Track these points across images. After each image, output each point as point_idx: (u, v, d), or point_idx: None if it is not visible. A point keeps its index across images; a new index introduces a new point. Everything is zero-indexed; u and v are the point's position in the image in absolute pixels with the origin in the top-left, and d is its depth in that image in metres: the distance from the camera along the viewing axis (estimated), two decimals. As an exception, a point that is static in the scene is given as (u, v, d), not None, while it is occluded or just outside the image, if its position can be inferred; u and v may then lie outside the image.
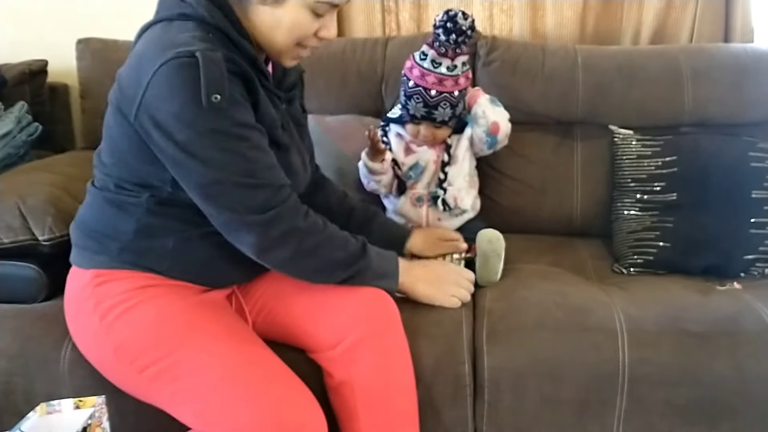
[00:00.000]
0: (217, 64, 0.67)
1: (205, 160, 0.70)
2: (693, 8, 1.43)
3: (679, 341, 0.92)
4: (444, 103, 1.09)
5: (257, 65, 0.75)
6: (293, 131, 0.86)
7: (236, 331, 0.81)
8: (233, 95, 0.70)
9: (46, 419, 0.77)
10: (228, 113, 0.70)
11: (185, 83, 0.67)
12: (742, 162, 1.16)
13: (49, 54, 1.51)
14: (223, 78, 0.68)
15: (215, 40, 0.71)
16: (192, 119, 0.68)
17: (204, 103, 0.67)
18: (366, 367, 0.83)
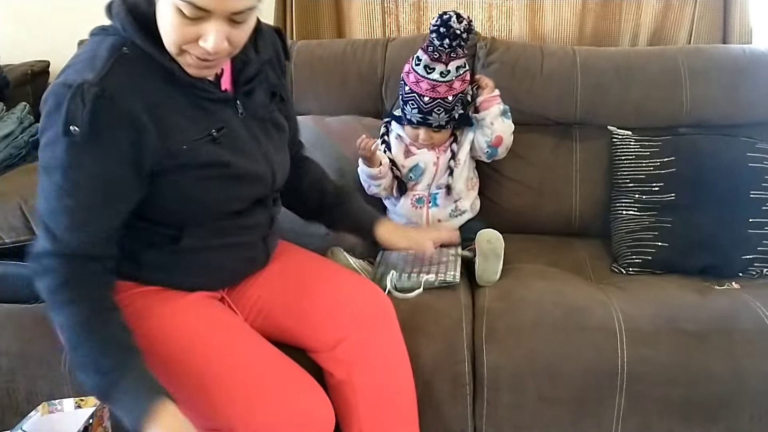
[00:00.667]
0: (84, 98, 0.65)
1: (42, 184, 0.69)
2: (691, 9, 1.44)
3: (677, 340, 0.92)
4: (438, 109, 1.09)
5: (179, 81, 0.71)
6: (253, 129, 0.79)
7: (230, 326, 0.80)
8: (99, 132, 0.66)
9: (48, 418, 0.77)
10: (83, 150, 0.66)
11: (56, 105, 0.66)
12: (740, 162, 1.16)
13: (51, 55, 1.52)
14: (84, 112, 0.64)
15: (130, 56, 0.69)
16: (48, 138, 0.67)
17: (61, 129, 0.65)
18: (366, 366, 0.83)
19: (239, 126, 0.78)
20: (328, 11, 1.54)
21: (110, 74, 0.67)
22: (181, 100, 0.72)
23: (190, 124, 0.73)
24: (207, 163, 0.74)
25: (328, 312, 0.85)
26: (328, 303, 0.86)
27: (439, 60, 1.07)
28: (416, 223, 1.18)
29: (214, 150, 0.74)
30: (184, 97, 0.72)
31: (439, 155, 1.16)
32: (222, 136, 0.75)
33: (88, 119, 0.65)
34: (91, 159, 0.67)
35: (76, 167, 0.67)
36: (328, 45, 1.40)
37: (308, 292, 0.87)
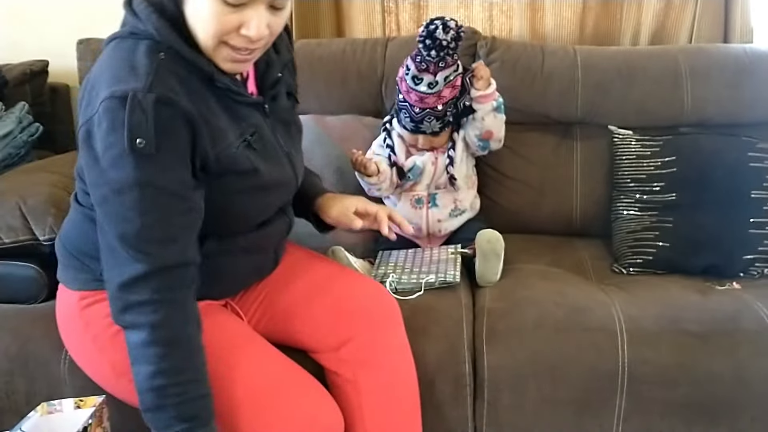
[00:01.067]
0: (144, 108, 0.63)
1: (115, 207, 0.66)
2: (692, 8, 1.44)
3: (679, 341, 0.92)
4: (429, 118, 1.09)
5: (217, 83, 0.70)
6: (278, 133, 0.79)
7: (235, 332, 0.80)
8: (163, 140, 0.65)
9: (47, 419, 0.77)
10: (153, 160, 0.64)
11: (113, 122, 0.64)
12: (742, 162, 1.16)
13: (50, 54, 1.51)
14: (149, 122, 0.63)
15: (167, 61, 0.67)
16: (112, 158, 0.64)
17: (126, 145, 0.63)
18: (371, 367, 0.83)
19: (268, 131, 0.78)
20: (328, 11, 1.53)
21: (158, 79, 0.65)
22: (218, 105, 0.71)
23: (229, 129, 0.72)
24: (244, 170, 0.73)
25: (334, 312, 0.85)
26: (333, 303, 0.86)
27: (427, 70, 1.06)
28: (416, 224, 1.18)
29: (249, 156, 0.73)
30: (219, 101, 0.71)
31: (437, 155, 1.16)
32: (255, 141, 0.74)
33: (153, 129, 0.64)
34: (163, 168, 0.66)
35: (151, 180, 0.65)
36: (328, 44, 1.40)
37: (313, 292, 0.87)
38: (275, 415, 0.72)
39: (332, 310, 0.85)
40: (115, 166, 0.65)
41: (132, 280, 0.66)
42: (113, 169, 0.65)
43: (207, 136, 0.69)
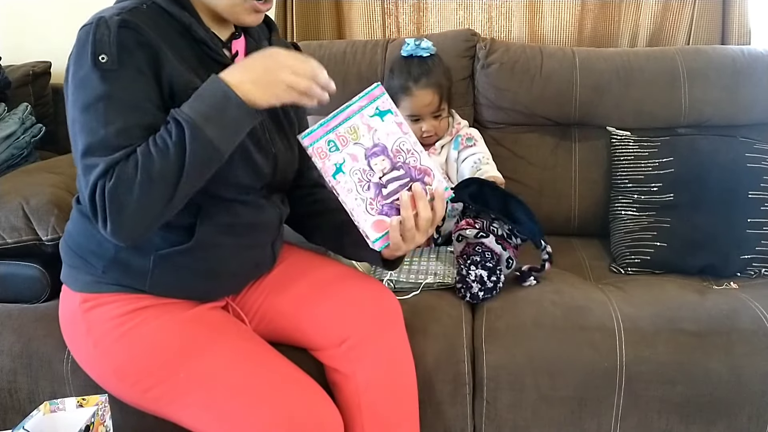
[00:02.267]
0: (110, 27, 0.67)
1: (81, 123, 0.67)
2: (690, 10, 1.44)
3: (676, 340, 0.92)
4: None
5: (192, 33, 0.74)
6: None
7: (237, 337, 0.80)
8: (126, 59, 0.67)
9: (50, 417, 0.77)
10: (116, 75, 0.67)
11: (81, 48, 0.68)
12: (739, 163, 1.17)
13: (53, 55, 1.52)
14: (111, 41, 0.67)
15: (147, 11, 0.72)
16: (80, 79, 0.68)
17: (90, 63, 0.67)
18: (371, 364, 0.83)
19: None
20: (329, 12, 1.54)
21: (129, 13, 0.70)
22: (193, 60, 0.74)
23: (198, 80, 0.73)
24: None
25: (335, 311, 0.85)
26: (334, 302, 0.86)
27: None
28: None
29: None
30: (196, 57, 0.74)
31: (431, 157, 1.17)
32: None
33: (115, 45, 0.67)
34: (126, 83, 0.68)
35: (114, 92, 0.67)
36: (329, 46, 1.41)
37: (314, 292, 0.88)
38: (275, 417, 0.73)
39: (333, 308, 0.86)
40: (82, 86, 0.68)
41: (92, 184, 0.66)
42: (80, 89, 0.68)
43: (174, 66, 0.71)
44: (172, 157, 0.66)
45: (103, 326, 0.78)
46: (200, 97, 0.68)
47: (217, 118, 0.67)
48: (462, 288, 1.02)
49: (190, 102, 0.68)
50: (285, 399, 0.74)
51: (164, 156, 0.66)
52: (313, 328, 0.87)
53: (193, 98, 0.68)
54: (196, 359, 0.76)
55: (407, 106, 1.16)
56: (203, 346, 0.77)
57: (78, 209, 0.82)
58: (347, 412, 0.83)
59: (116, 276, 0.78)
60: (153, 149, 0.66)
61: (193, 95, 0.68)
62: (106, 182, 0.66)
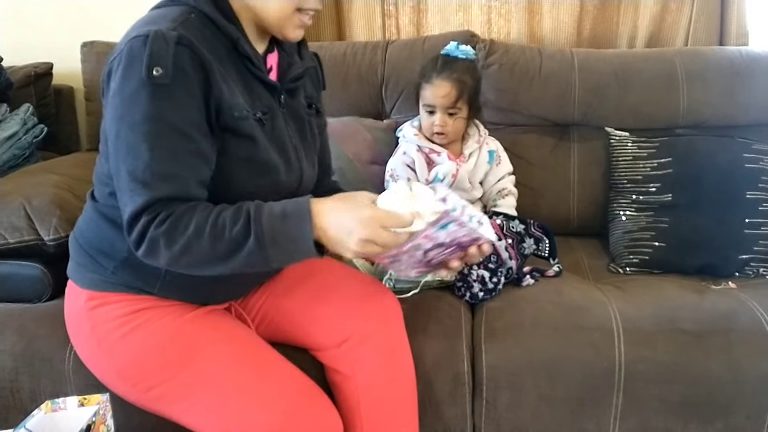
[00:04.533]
0: (167, 41, 0.66)
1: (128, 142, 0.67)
2: (688, 11, 1.45)
3: (675, 340, 0.93)
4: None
5: (238, 48, 0.73)
6: (289, 126, 0.81)
7: (240, 339, 0.80)
8: (180, 77, 0.67)
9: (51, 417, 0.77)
10: (168, 94, 0.66)
11: (133, 58, 0.66)
12: (737, 163, 1.17)
13: (55, 56, 1.52)
14: (168, 54, 0.66)
15: (196, 20, 0.71)
16: (129, 93, 0.66)
17: (144, 75, 0.65)
18: (370, 364, 0.84)
19: (280, 119, 0.79)
20: (329, 14, 1.55)
21: (183, 27, 0.69)
22: (236, 75, 0.74)
23: (242, 98, 0.74)
24: (248, 135, 0.73)
25: (336, 311, 0.86)
26: (336, 302, 0.87)
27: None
28: None
29: (254, 127, 0.75)
30: (238, 73, 0.74)
31: (459, 166, 1.17)
32: (266, 121, 0.76)
33: (171, 60, 0.66)
34: (176, 104, 0.67)
35: (163, 115, 0.66)
36: (329, 47, 1.41)
37: (315, 293, 0.88)
38: (275, 419, 0.73)
39: (335, 308, 0.86)
40: (131, 100, 0.66)
41: (135, 214, 0.67)
42: (128, 103, 0.67)
43: (222, 88, 0.71)
44: (223, 247, 0.66)
45: (107, 325, 0.78)
46: (283, 217, 0.67)
47: (284, 247, 0.67)
48: (462, 287, 1.02)
49: (272, 213, 0.67)
50: (285, 401, 0.75)
51: (215, 242, 0.66)
52: (313, 328, 0.87)
53: (279, 212, 0.67)
54: (198, 360, 0.76)
55: (425, 95, 1.16)
56: (205, 348, 0.77)
57: (93, 207, 0.81)
58: (347, 412, 0.84)
59: (126, 277, 0.78)
60: (208, 230, 0.66)
61: (279, 208, 0.67)
62: (150, 224, 0.66)
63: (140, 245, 0.68)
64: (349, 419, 0.84)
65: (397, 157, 1.21)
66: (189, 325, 0.79)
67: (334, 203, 0.68)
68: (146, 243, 0.67)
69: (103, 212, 0.79)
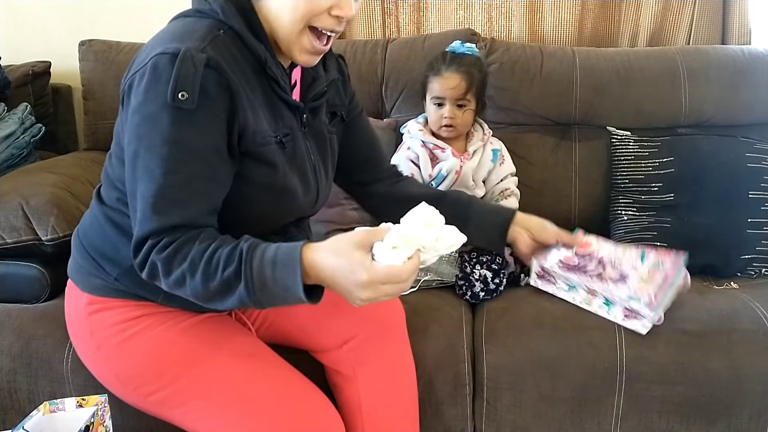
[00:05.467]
0: (195, 64, 0.63)
1: (145, 163, 0.65)
2: (690, 10, 1.44)
3: (676, 340, 0.92)
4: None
5: (267, 69, 0.71)
6: (310, 146, 0.79)
7: (241, 343, 0.80)
8: (205, 101, 0.65)
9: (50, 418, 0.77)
10: (191, 119, 0.64)
11: (158, 76, 0.64)
12: (739, 163, 1.17)
13: (53, 55, 1.52)
14: (195, 78, 0.63)
15: (225, 38, 0.68)
16: (150, 113, 0.64)
17: (168, 98, 0.63)
18: (371, 365, 0.83)
19: (300, 139, 0.78)
20: (329, 12, 1.54)
21: (212, 47, 0.66)
22: (261, 96, 0.72)
23: (266, 122, 0.72)
24: (265, 161, 0.72)
25: (337, 312, 0.85)
26: (337, 303, 0.85)
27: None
28: None
29: (276, 153, 0.73)
30: (263, 94, 0.72)
31: (463, 163, 1.17)
32: (287, 143, 0.74)
33: (199, 85, 0.64)
34: (197, 129, 0.65)
35: (183, 139, 0.65)
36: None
37: None
38: (277, 423, 0.73)
39: (335, 309, 0.86)
40: (152, 121, 0.65)
41: (142, 238, 0.66)
42: (149, 124, 0.65)
43: (247, 113, 0.69)
44: (215, 286, 0.65)
45: (106, 331, 0.77)
46: (274, 263, 0.63)
47: (274, 292, 0.64)
48: (464, 285, 1.01)
49: (263, 262, 0.63)
50: (287, 405, 0.74)
51: (207, 281, 0.64)
52: (314, 330, 0.87)
53: (270, 258, 0.63)
54: (199, 365, 0.75)
55: (434, 88, 1.16)
56: (206, 353, 0.77)
57: (100, 209, 0.79)
58: (348, 413, 0.83)
59: (129, 284, 0.77)
60: (202, 267, 0.64)
61: (271, 254, 0.64)
62: (153, 248, 0.65)
63: (143, 268, 0.68)
64: (350, 420, 0.84)
65: (401, 152, 1.20)
66: (189, 331, 0.78)
67: (326, 256, 0.63)
68: (147, 267, 0.67)
69: (110, 216, 0.77)
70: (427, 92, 1.18)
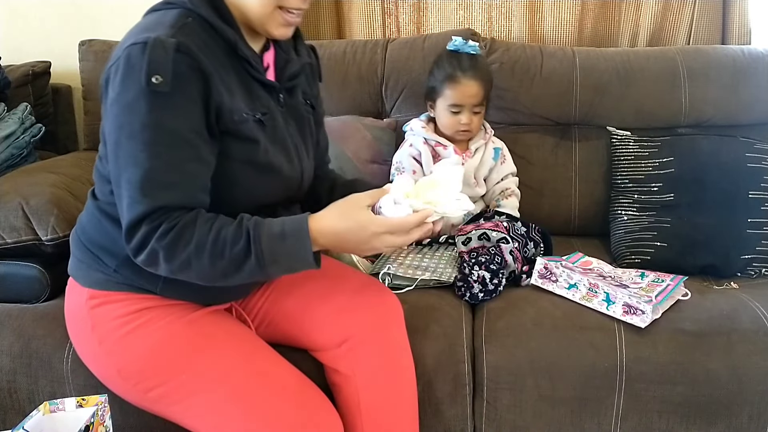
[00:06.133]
0: (166, 48, 0.66)
1: (127, 151, 0.66)
2: (690, 10, 1.45)
3: (676, 340, 0.92)
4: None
5: (238, 51, 0.73)
6: (290, 125, 0.81)
7: (241, 340, 0.80)
8: (179, 84, 0.66)
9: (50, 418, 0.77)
10: (167, 102, 0.66)
11: (132, 66, 0.66)
12: (739, 163, 1.17)
13: (53, 55, 1.52)
14: (167, 61, 0.65)
15: (194, 24, 0.70)
16: (127, 102, 0.66)
17: (143, 83, 0.65)
18: (370, 364, 0.83)
19: (280, 118, 0.79)
20: (328, 12, 1.54)
21: (182, 33, 0.68)
22: (235, 77, 0.74)
23: (242, 101, 0.74)
24: (245, 137, 0.73)
25: (337, 311, 0.86)
26: (336, 302, 0.86)
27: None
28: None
29: (255, 130, 0.74)
30: (237, 75, 0.74)
31: (465, 161, 1.17)
32: (266, 121, 0.76)
33: (171, 67, 0.65)
34: (175, 112, 0.67)
35: (163, 122, 0.66)
36: (329, 46, 1.41)
37: (316, 293, 0.88)
38: (275, 421, 0.73)
39: (335, 308, 0.86)
40: (130, 109, 0.66)
41: (134, 222, 0.67)
42: (127, 112, 0.66)
43: (222, 92, 0.70)
44: (223, 265, 0.67)
45: (108, 324, 0.78)
46: (283, 236, 0.68)
47: (286, 265, 0.70)
48: (462, 286, 1.02)
49: (271, 233, 0.68)
50: (285, 403, 0.74)
51: (215, 260, 0.67)
52: (313, 328, 0.87)
53: (278, 233, 0.68)
54: (199, 362, 0.76)
55: (450, 95, 1.15)
56: (206, 349, 0.77)
57: (95, 204, 0.81)
58: (347, 413, 0.83)
59: (128, 275, 0.78)
60: (209, 248, 0.66)
61: (278, 228, 0.68)
62: (152, 235, 0.66)
63: (140, 254, 0.68)
64: (349, 420, 0.83)
65: (403, 149, 1.20)
66: (190, 326, 0.78)
67: (333, 223, 0.69)
68: (146, 253, 0.67)
69: (105, 210, 0.78)
70: (439, 98, 1.17)
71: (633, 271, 1.06)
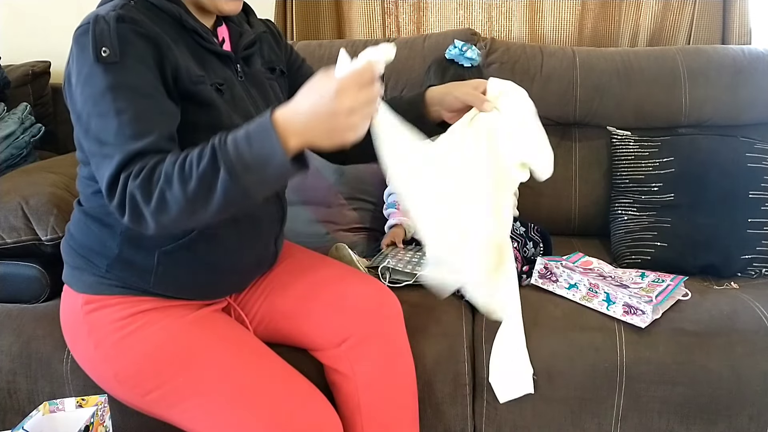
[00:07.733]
0: (107, 21, 0.68)
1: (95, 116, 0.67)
2: (690, 10, 1.45)
3: (676, 340, 0.92)
4: None
5: (185, 24, 0.75)
6: (248, 92, 0.80)
7: (238, 342, 0.80)
8: (127, 50, 0.68)
9: (49, 418, 0.77)
10: (120, 67, 0.67)
11: (81, 47, 0.68)
12: (739, 163, 1.17)
13: (52, 55, 1.52)
14: (111, 33, 0.67)
15: (137, 5, 0.72)
16: (84, 76, 0.68)
17: (92, 57, 0.67)
18: (370, 363, 0.83)
19: (240, 89, 0.79)
20: (329, 12, 1.54)
21: (123, 9, 0.70)
22: (186, 49, 0.74)
23: (195, 68, 0.74)
24: (206, 101, 0.73)
25: (336, 310, 0.85)
26: (335, 302, 0.86)
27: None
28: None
29: (215, 95, 0.74)
30: (187, 47, 0.74)
31: None
32: (225, 91, 0.76)
33: (116, 38, 0.67)
34: (130, 73, 0.68)
35: (121, 81, 0.67)
36: (329, 46, 1.41)
37: (315, 292, 0.87)
38: (274, 423, 0.73)
39: (334, 308, 0.86)
40: (88, 82, 0.67)
41: (112, 176, 0.65)
42: (86, 85, 0.68)
43: (176, 55, 0.71)
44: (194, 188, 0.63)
45: (104, 329, 0.77)
46: (248, 139, 0.62)
47: (259, 170, 0.62)
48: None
49: (237, 140, 0.62)
50: (284, 404, 0.74)
51: (185, 185, 0.63)
52: (312, 328, 0.87)
53: (242, 137, 0.62)
54: (196, 364, 0.75)
55: None
56: (203, 350, 0.77)
57: (80, 210, 0.82)
58: (347, 412, 0.83)
59: (120, 275, 0.78)
60: (176, 174, 0.63)
61: (243, 132, 0.63)
62: (127, 180, 0.65)
63: (123, 207, 0.66)
64: (349, 419, 0.83)
65: None
66: (187, 328, 0.78)
67: (296, 104, 0.63)
68: (128, 203, 0.65)
69: (90, 213, 0.79)
70: None
71: (633, 271, 1.06)
